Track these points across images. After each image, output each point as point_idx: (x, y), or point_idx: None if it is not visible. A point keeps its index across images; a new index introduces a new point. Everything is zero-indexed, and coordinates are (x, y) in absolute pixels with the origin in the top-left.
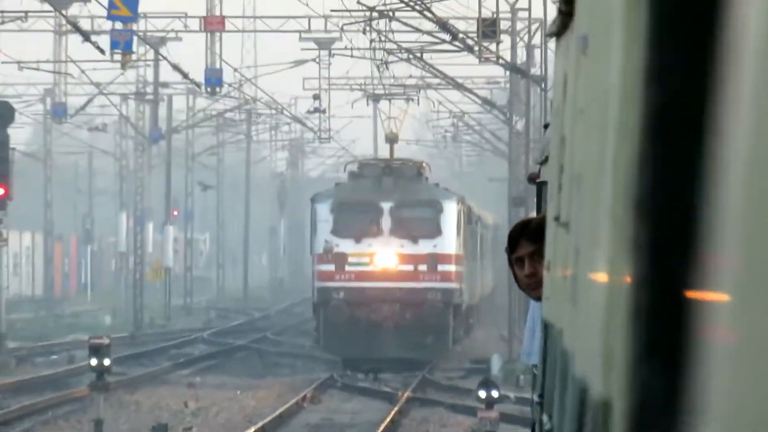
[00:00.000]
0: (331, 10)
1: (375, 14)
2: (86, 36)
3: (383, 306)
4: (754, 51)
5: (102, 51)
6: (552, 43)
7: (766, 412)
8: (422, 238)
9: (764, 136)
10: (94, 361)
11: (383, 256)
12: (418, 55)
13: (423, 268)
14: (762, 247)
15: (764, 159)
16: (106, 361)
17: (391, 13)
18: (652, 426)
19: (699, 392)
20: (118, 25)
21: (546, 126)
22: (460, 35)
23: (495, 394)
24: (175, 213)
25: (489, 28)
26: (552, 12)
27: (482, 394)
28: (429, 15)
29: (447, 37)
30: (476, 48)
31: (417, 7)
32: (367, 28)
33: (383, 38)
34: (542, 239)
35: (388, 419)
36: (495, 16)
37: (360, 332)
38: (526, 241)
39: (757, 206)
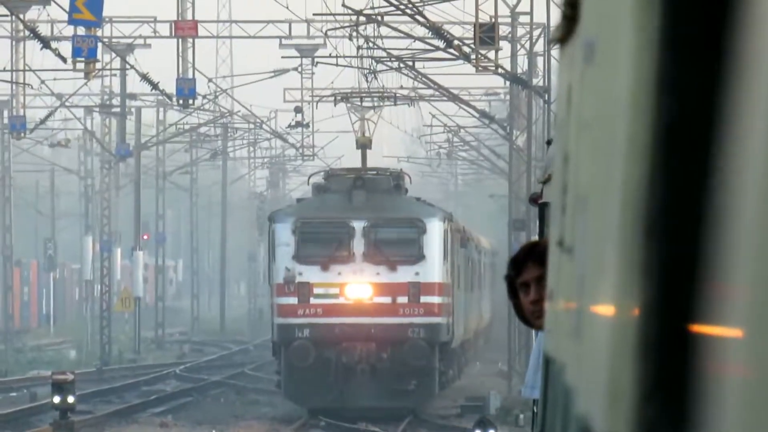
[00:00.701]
0: (314, 14)
1: (362, 18)
2: (46, 42)
3: (356, 346)
4: None
5: (63, 59)
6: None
7: None
8: (402, 264)
9: None
10: (57, 399)
11: (355, 286)
12: (410, 63)
13: (403, 300)
14: None
15: None
16: (71, 399)
17: (379, 18)
18: None
19: (709, 428)
20: (81, 31)
21: (549, 142)
22: (456, 42)
23: None
24: (145, 237)
25: (487, 35)
26: (556, 16)
27: None
28: (421, 20)
29: (441, 43)
30: (473, 56)
31: (408, 11)
32: (354, 34)
33: (371, 45)
34: None
35: None
36: (493, 21)
37: (329, 377)
38: (533, 263)
39: None
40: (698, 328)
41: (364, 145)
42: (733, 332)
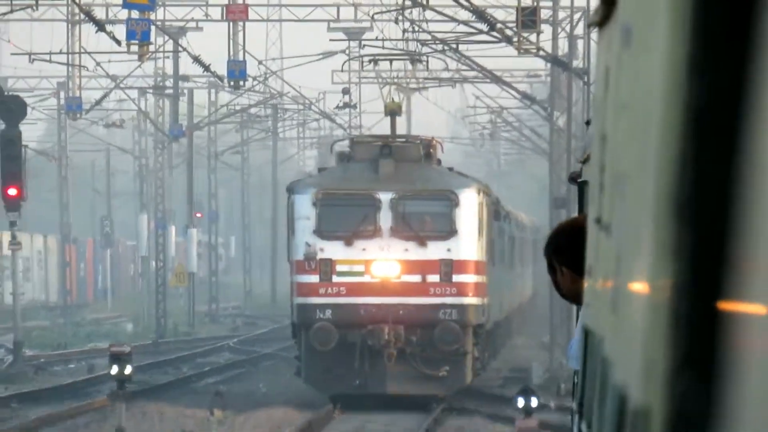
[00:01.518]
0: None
1: (408, 2)
2: (101, 26)
3: (383, 328)
4: None
5: (118, 42)
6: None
7: None
8: (432, 239)
9: None
10: (114, 370)
11: (382, 263)
12: (454, 46)
13: (434, 278)
14: None
15: None
16: (128, 370)
17: (425, 2)
18: None
19: (737, 402)
20: (135, 14)
21: (588, 122)
22: (498, 25)
23: (534, 402)
24: (199, 215)
25: (529, 18)
26: (595, 1)
27: (521, 402)
28: (465, 3)
29: (484, 27)
30: (515, 39)
31: None
32: (400, 18)
33: (417, 28)
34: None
35: (423, 428)
36: (535, 4)
37: (352, 362)
38: (570, 247)
39: None
40: (727, 306)
41: (393, 111)
42: (759, 309)
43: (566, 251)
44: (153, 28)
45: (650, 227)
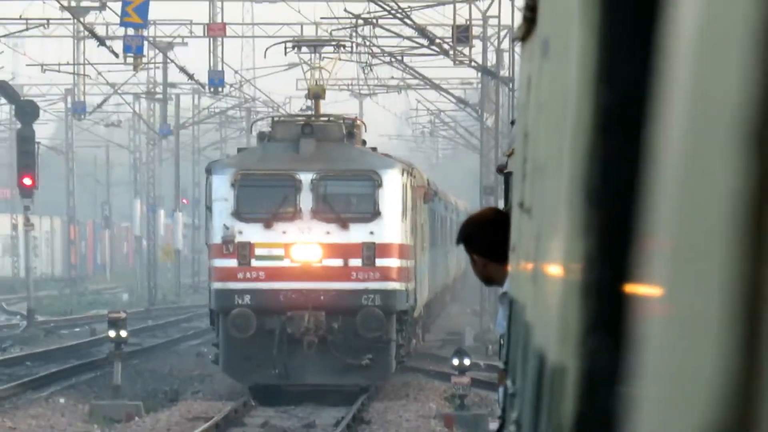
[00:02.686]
0: (321, 18)
1: (360, 21)
2: (102, 41)
3: (303, 315)
4: (688, 50)
5: (116, 54)
6: (518, 47)
7: (689, 375)
8: (355, 222)
9: (696, 132)
10: (112, 333)
11: (302, 246)
12: (399, 58)
13: (356, 262)
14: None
15: (694, 153)
16: (123, 333)
17: (375, 20)
18: (600, 388)
19: (639, 359)
20: (131, 31)
21: (513, 122)
22: (437, 40)
23: (467, 361)
24: (185, 201)
25: (463, 34)
26: (518, 19)
27: (456, 361)
28: (409, 22)
29: (425, 41)
30: (451, 52)
31: (398, 15)
32: (354, 34)
33: (368, 43)
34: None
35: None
36: (468, 23)
37: (272, 350)
38: (481, 237)
39: (692, 195)
40: (629, 274)
41: (316, 94)
42: (657, 278)
43: (475, 240)
44: (145, 43)
45: (564, 210)
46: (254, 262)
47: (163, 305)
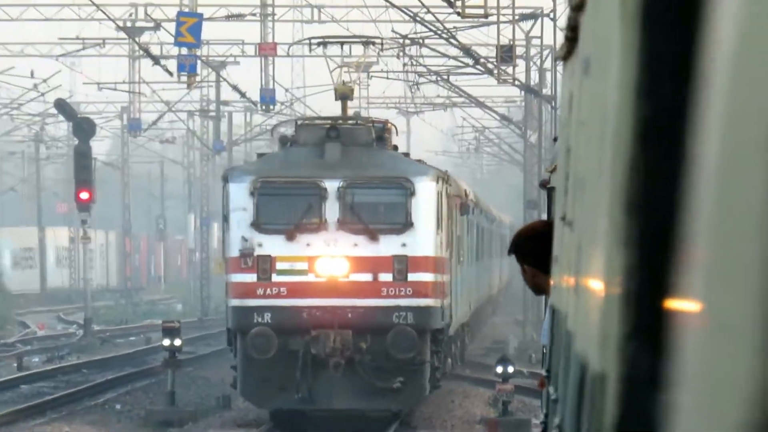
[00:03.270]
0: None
1: (408, 41)
2: (156, 60)
3: (329, 334)
4: (726, 68)
5: (170, 73)
6: (560, 66)
7: (729, 382)
8: (385, 233)
9: (734, 145)
10: (167, 342)
11: (328, 260)
12: (445, 77)
13: (387, 277)
14: (725, 243)
15: (734, 163)
16: (177, 342)
17: (421, 41)
18: (639, 394)
19: (677, 366)
20: (184, 51)
21: (555, 139)
22: (482, 60)
23: (510, 369)
24: None
25: (506, 54)
26: (560, 39)
27: (500, 369)
28: (454, 42)
29: (470, 61)
30: (495, 71)
31: (444, 36)
32: (401, 54)
33: (415, 62)
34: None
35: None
36: (512, 43)
37: (294, 373)
38: (532, 250)
39: (728, 209)
40: (668, 285)
41: (344, 94)
42: (695, 288)
43: (526, 252)
44: (199, 62)
45: (605, 222)
46: (275, 277)
47: (215, 315)
